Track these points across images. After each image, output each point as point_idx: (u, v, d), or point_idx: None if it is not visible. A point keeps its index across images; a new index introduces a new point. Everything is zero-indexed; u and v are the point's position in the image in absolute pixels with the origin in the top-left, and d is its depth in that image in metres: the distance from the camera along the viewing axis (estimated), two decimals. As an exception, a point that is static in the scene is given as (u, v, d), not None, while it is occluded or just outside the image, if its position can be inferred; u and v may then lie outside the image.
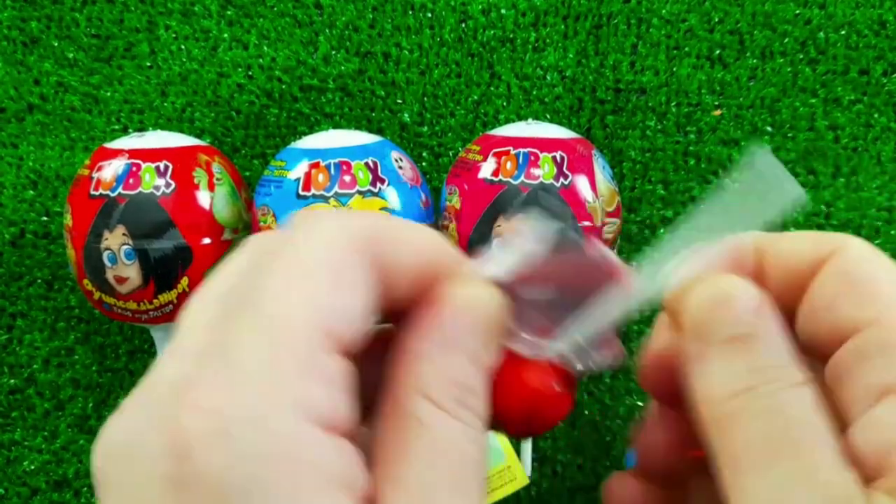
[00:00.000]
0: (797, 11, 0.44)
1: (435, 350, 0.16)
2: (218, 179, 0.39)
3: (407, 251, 0.16)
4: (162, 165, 0.37)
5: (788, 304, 0.18)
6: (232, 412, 0.13)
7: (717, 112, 0.44)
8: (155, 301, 0.37)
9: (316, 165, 0.37)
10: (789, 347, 0.17)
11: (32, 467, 0.44)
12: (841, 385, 0.16)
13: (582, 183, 0.37)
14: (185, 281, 0.37)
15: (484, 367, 0.17)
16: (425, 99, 0.45)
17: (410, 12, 0.45)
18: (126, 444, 0.14)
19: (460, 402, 0.16)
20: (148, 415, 0.14)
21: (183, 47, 0.46)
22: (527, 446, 0.40)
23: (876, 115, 0.44)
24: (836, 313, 0.17)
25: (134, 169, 0.37)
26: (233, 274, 0.16)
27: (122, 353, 0.45)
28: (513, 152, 0.37)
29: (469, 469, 0.15)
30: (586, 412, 0.44)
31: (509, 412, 0.18)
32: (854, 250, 0.17)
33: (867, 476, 0.15)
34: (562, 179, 0.36)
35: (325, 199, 0.36)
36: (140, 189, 0.36)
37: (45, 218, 0.45)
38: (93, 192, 0.37)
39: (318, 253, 0.15)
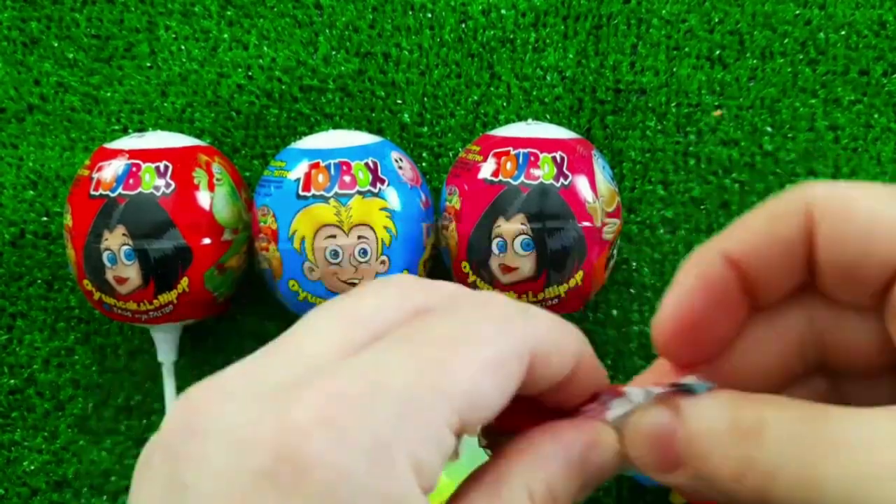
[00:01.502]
0: (797, 11, 0.44)
1: (558, 460, 0.17)
2: (218, 180, 0.39)
3: (557, 363, 0.17)
4: (162, 166, 0.37)
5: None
6: (353, 434, 0.13)
7: (718, 113, 0.44)
8: (155, 301, 0.37)
9: (316, 166, 0.37)
10: (734, 392, 0.17)
11: (32, 467, 0.44)
12: None
13: (582, 183, 0.37)
14: (185, 281, 0.37)
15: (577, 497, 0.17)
16: (425, 99, 0.45)
17: (410, 12, 0.45)
18: (196, 427, 0.14)
19: None
20: (260, 405, 0.14)
21: (183, 47, 0.46)
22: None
23: (876, 116, 0.44)
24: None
25: (134, 169, 0.37)
26: (413, 300, 0.16)
27: (122, 354, 0.45)
28: (513, 152, 0.37)
29: None
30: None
31: None
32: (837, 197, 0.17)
33: None
34: (562, 180, 0.36)
35: (325, 200, 0.36)
36: (140, 189, 0.36)
37: (45, 218, 0.45)
38: (93, 193, 0.37)
39: (489, 345, 0.15)
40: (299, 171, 0.37)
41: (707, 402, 0.17)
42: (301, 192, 0.36)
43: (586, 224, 0.36)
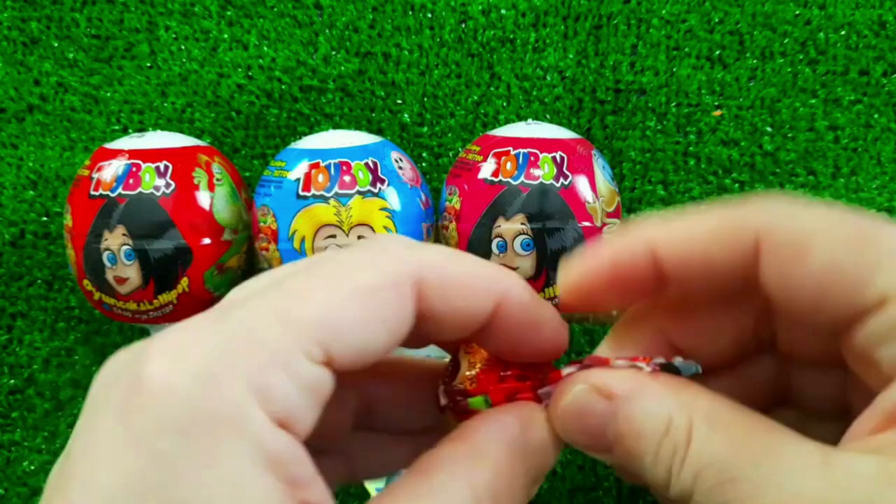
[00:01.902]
0: (797, 11, 0.44)
1: (502, 451, 0.16)
2: (218, 180, 0.39)
3: (459, 297, 0.16)
4: (162, 166, 0.37)
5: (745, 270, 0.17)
6: (192, 365, 0.14)
7: (718, 113, 0.44)
8: (155, 301, 0.37)
9: (316, 166, 0.37)
10: (663, 388, 0.17)
11: (32, 467, 0.44)
12: (873, 355, 0.16)
13: (582, 183, 0.37)
14: (185, 281, 0.37)
15: (525, 494, 0.17)
16: (425, 99, 0.45)
17: (410, 13, 0.45)
18: (110, 373, 0.15)
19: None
20: (137, 348, 0.15)
21: (183, 47, 0.46)
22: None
23: (876, 116, 0.44)
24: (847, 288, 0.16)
25: (134, 169, 0.37)
26: (303, 262, 0.17)
27: (122, 354, 0.45)
28: (513, 152, 0.37)
29: None
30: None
31: None
32: (784, 237, 0.16)
33: None
34: (562, 180, 0.36)
35: (325, 200, 0.36)
36: (140, 189, 0.36)
37: (45, 218, 0.45)
38: (93, 193, 0.37)
39: (359, 273, 0.15)
40: (299, 171, 0.37)
41: (647, 400, 0.17)
42: (301, 192, 0.36)
43: (586, 224, 0.36)
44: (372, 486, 0.40)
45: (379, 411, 0.20)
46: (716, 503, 0.15)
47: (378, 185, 0.37)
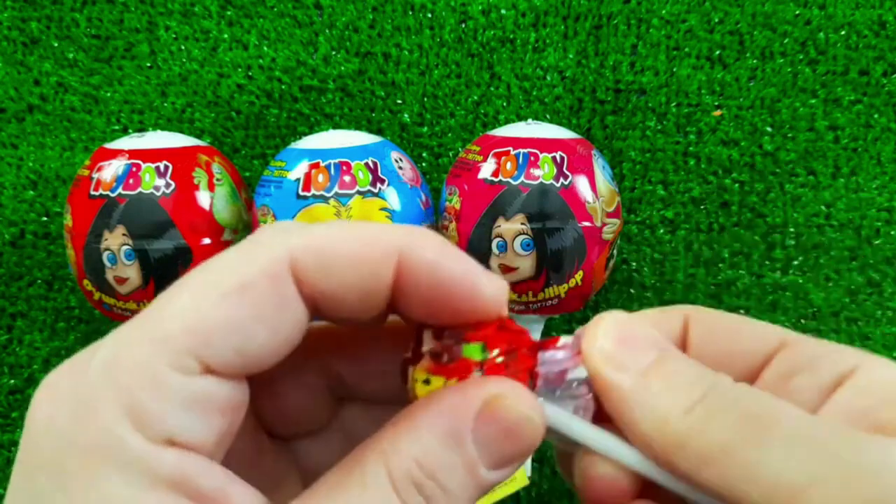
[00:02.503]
0: (797, 11, 0.44)
1: (432, 432, 0.15)
2: (218, 180, 0.39)
3: (338, 270, 0.15)
4: (162, 166, 0.37)
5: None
6: (67, 398, 0.14)
7: (718, 113, 0.44)
8: (155, 301, 0.37)
9: (316, 166, 0.37)
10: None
11: (32, 467, 0.44)
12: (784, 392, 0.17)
13: (582, 183, 0.37)
14: (185, 281, 0.37)
15: (477, 482, 0.15)
16: (425, 99, 0.45)
17: (410, 13, 0.45)
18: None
19: (421, 491, 0.15)
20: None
21: (183, 47, 0.46)
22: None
23: (876, 116, 0.44)
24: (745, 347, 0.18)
25: (134, 169, 0.37)
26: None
27: (122, 354, 0.45)
28: (513, 152, 0.37)
29: None
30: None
31: None
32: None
33: None
34: (562, 180, 0.36)
35: (325, 200, 0.36)
36: (140, 189, 0.36)
37: (45, 218, 0.45)
38: (93, 193, 0.37)
39: (226, 273, 0.14)
40: (299, 171, 0.37)
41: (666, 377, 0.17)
42: (301, 192, 0.36)
43: (586, 224, 0.36)
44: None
45: (354, 383, 0.19)
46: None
47: (378, 185, 0.37)
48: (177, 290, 0.15)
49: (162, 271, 0.37)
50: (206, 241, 0.37)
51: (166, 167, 0.37)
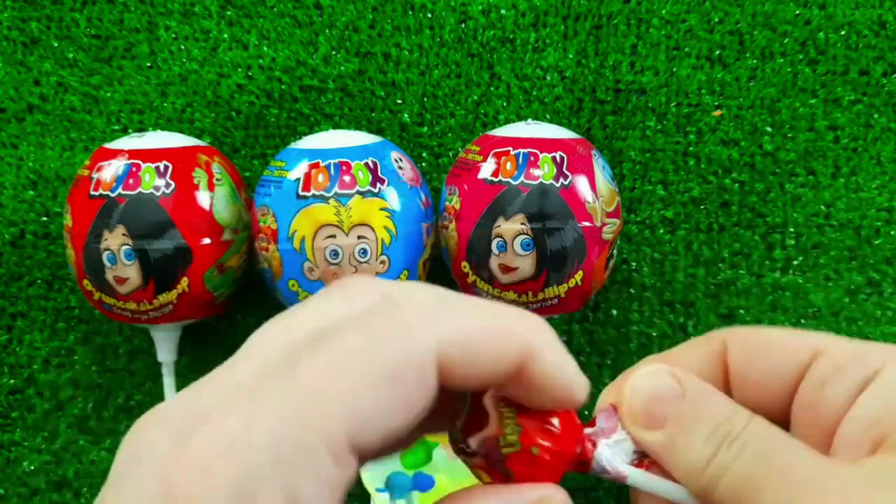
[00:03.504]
0: (797, 11, 0.44)
1: None
2: (218, 180, 0.39)
3: (486, 363, 0.16)
4: (162, 166, 0.37)
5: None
6: (220, 477, 0.13)
7: (718, 112, 0.44)
8: (155, 301, 0.37)
9: (316, 166, 0.37)
10: (726, 396, 0.19)
11: (32, 467, 0.44)
12: (810, 412, 0.19)
13: (582, 183, 0.37)
14: (185, 281, 0.37)
15: None
16: (425, 99, 0.45)
17: (410, 12, 0.45)
18: (138, 452, 0.14)
19: None
20: (161, 437, 0.14)
21: (183, 47, 0.46)
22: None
23: (876, 116, 0.44)
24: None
25: (134, 169, 0.37)
26: (318, 316, 0.16)
27: (122, 354, 0.45)
28: (512, 152, 0.37)
29: None
30: (586, 412, 0.44)
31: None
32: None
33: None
34: (562, 180, 0.36)
35: (325, 200, 0.36)
36: (140, 189, 0.36)
37: (45, 218, 0.45)
38: (92, 193, 0.37)
39: (381, 355, 0.15)
40: (299, 171, 0.37)
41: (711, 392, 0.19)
42: (301, 192, 0.36)
43: (586, 224, 0.36)
44: (372, 486, 0.40)
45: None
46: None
47: (378, 184, 0.37)
48: (325, 368, 0.14)
49: (162, 271, 0.37)
50: (206, 241, 0.37)
51: (166, 167, 0.37)
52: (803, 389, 0.19)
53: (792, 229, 0.43)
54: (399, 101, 0.45)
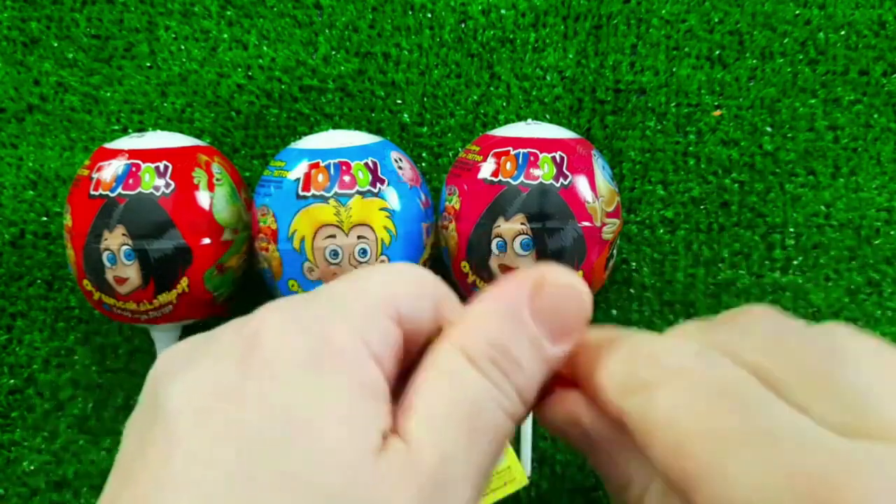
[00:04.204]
0: (797, 11, 0.44)
1: (495, 316, 0.17)
2: (218, 180, 0.39)
3: (421, 306, 0.18)
4: (162, 166, 0.37)
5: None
6: (302, 325, 0.16)
7: (718, 112, 0.44)
8: (155, 301, 0.37)
9: (316, 166, 0.37)
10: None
11: (32, 467, 0.44)
12: None
13: (582, 183, 0.37)
14: (184, 281, 0.37)
15: (544, 356, 0.17)
16: (425, 99, 0.45)
17: (410, 12, 0.45)
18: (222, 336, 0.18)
19: (498, 366, 0.16)
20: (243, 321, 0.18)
21: (183, 47, 0.46)
22: (527, 447, 0.40)
23: (876, 116, 0.44)
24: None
25: (134, 169, 0.37)
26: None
27: (122, 354, 0.45)
28: (512, 152, 0.37)
29: (483, 424, 0.16)
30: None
31: None
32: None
33: None
34: (562, 180, 0.36)
35: (325, 200, 0.36)
36: (140, 189, 0.36)
37: (45, 218, 0.45)
38: (92, 193, 0.37)
39: (397, 268, 0.19)
40: (299, 171, 0.37)
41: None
42: (301, 192, 0.36)
43: (586, 224, 0.36)
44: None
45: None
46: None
47: (378, 185, 0.37)
48: (363, 273, 0.18)
49: (162, 271, 0.37)
50: (206, 241, 0.37)
51: (166, 167, 0.37)
52: None
53: (792, 229, 0.43)
54: (399, 101, 0.45)
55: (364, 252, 0.36)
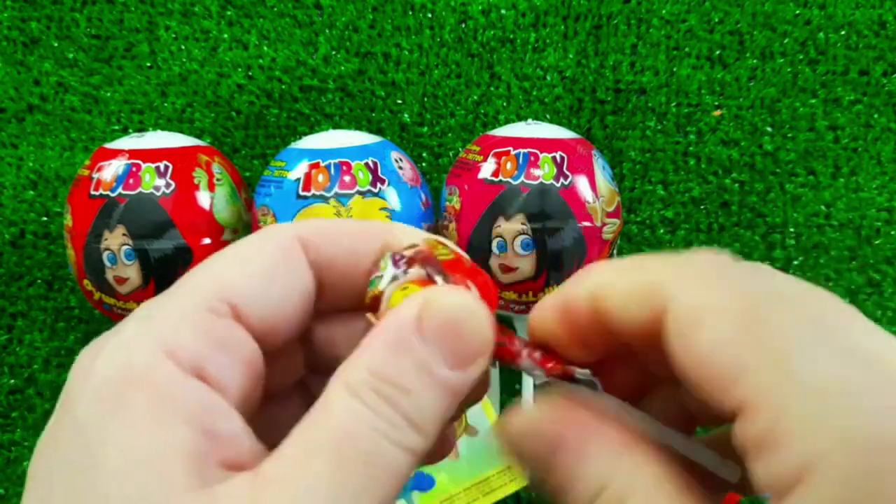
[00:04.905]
0: (797, 11, 0.44)
1: (379, 344, 0.16)
2: (218, 180, 0.39)
3: (338, 242, 0.18)
4: (162, 166, 0.37)
5: (648, 343, 0.17)
6: (110, 346, 0.15)
7: (718, 112, 0.44)
8: (155, 301, 0.37)
9: (316, 166, 0.37)
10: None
11: (32, 467, 0.44)
12: (751, 461, 0.15)
13: (582, 183, 0.37)
14: (185, 281, 0.37)
15: (437, 380, 0.16)
16: (425, 99, 0.45)
17: (410, 12, 0.45)
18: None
19: (379, 393, 0.15)
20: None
21: (183, 47, 0.46)
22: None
23: (876, 116, 0.44)
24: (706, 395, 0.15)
25: (134, 169, 0.37)
26: None
27: (122, 354, 0.45)
28: (513, 152, 0.37)
29: (356, 454, 0.15)
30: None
31: None
32: (681, 312, 0.16)
33: None
34: (562, 179, 0.36)
35: (325, 200, 0.36)
36: (140, 189, 0.36)
37: (45, 218, 0.45)
38: (93, 193, 0.37)
39: (249, 247, 0.17)
40: (299, 171, 0.37)
41: (587, 458, 0.17)
42: (301, 192, 0.36)
43: (586, 224, 0.36)
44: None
45: (325, 350, 0.20)
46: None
47: (378, 184, 0.37)
48: (204, 263, 0.17)
49: (162, 271, 0.37)
50: (206, 241, 0.37)
51: (166, 167, 0.37)
52: (733, 435, 0.16)
53: (792, 229, 0.43)
54: (399, 101, 0.45)
55: (364, 252, 0.36)
